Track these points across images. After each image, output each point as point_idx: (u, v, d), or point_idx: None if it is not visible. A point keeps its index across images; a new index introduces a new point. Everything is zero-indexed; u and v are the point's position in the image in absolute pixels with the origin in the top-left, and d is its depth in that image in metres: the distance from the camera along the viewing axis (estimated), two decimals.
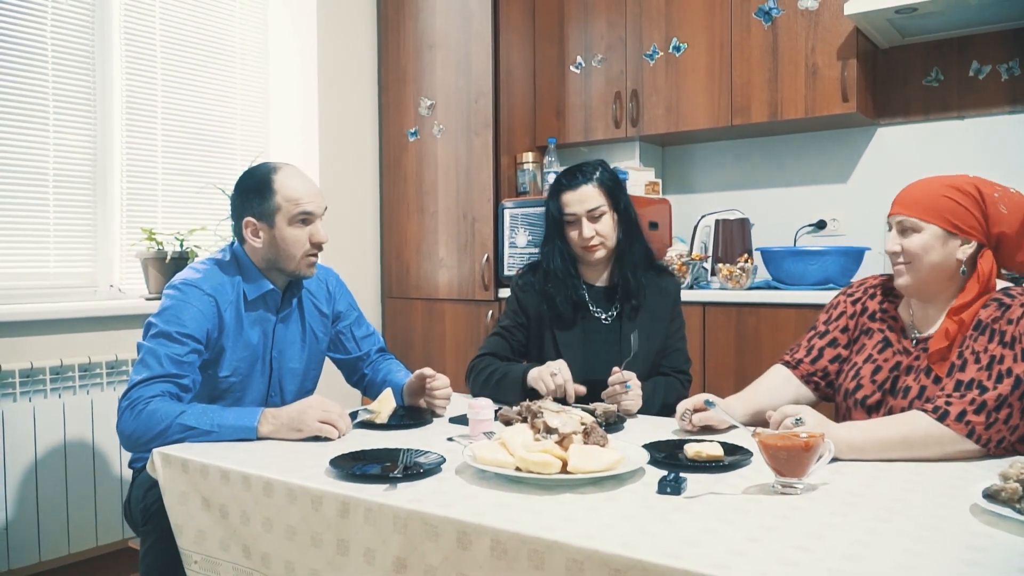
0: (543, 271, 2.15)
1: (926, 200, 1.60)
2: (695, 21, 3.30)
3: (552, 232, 2.13)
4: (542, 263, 2.16)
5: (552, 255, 2.12)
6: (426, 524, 1.19)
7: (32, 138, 2.82)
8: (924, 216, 1.59)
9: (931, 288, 1.64)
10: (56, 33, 2.87)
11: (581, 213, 2.06)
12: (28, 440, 2.55)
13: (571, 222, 2.08)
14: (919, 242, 1.60)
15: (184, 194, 3.29)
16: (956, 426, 1.45)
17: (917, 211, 1.60)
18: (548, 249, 2.14)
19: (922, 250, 1.60)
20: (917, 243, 1.60)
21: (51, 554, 2.59)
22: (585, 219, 2.06)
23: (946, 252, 1.59)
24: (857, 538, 1.06)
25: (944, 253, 1.59)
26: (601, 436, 1.38)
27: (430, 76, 3.73)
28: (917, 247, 1.60)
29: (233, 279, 1.86)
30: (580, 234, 2.06)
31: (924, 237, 1.59)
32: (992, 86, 3.03)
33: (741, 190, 3.57)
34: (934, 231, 1.59)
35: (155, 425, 1.61)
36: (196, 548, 1.51)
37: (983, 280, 1.57)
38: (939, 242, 1.59)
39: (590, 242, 2.06)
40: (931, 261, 1.60)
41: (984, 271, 1.58)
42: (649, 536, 1.07)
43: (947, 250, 1.59)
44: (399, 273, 3.86)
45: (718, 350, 2.99)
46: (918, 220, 1.60)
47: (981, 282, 1.57)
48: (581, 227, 2.05)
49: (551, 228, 2.13)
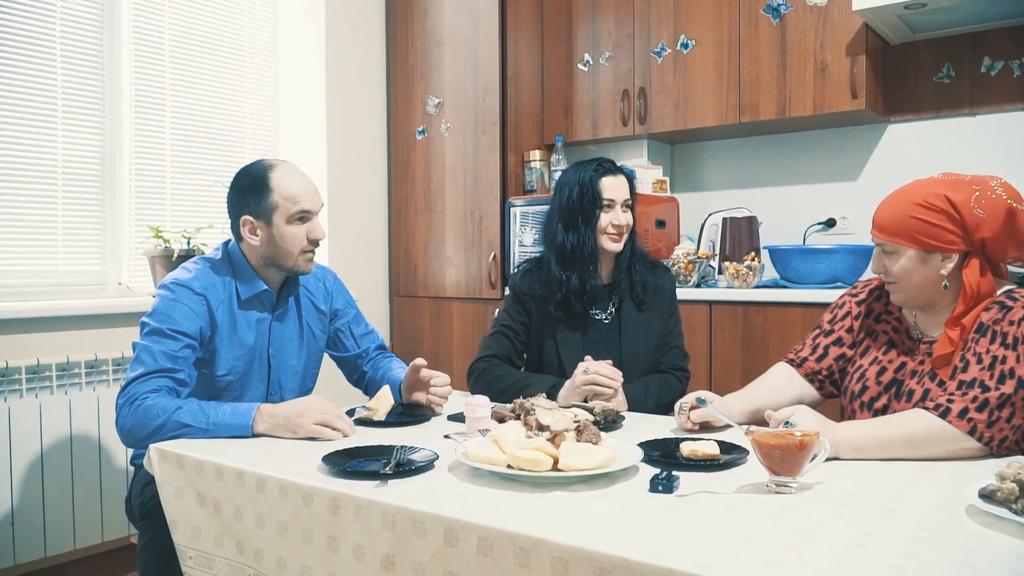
0: (560, 259, 2.08)
1: (896, 222, 1.58)
2: (703, 18, 3.28)
3: (576, 217, 2.06)
4: (562, 250, 2.08)
5: (585, 237, 2.05)
6: (414, 521, 1.18)
7: (41, 136, 2.84)
8: (898, 240, 1.58)
9: (924, 300, 1.63)
10: (65, 31, 2.89)
11: (619, 200, 2.06)
12: (34, 436, 2.56)
13: (607, 207, 2.06)
14: (899, 266, 1.59)
15: (193, 192, 3.31)
16: (958, 423, 1.43)
17: (890, 235, 1.59)
18: (577, 234, 2.06)
19: (903, 273, 1.59)
20: (897, 267, 1.59)
21: (57, 549, 2.61)
22: (619, 207, 2.06)
23: (928, 270, 1.58)
24: (850, 539, 1.05)
25: (925, 272, 1.58)
26: (594, 434, 1.36)
27: (438, 74, 3.72)
28: (898, 270, 1.60)
29: (224, 279, 1.86)
30: (615, 220, 2.05)
31: (902, 261, 1.58)
32: (1004, 82, 2.99)
33: (750, 188, 3.54)
34: (910, 254, 1.57)
35: (152, 420, 1.62)
36: (191, 544, 1.51)
37: (971, 292, 1.55)
38: (917, 263, 1.57)
39: (623, 229, 2.06)
40: (915, 281, 1.59)
41: (970, 282, 1.55)
42: (637, 535, 1.06)
43: (929, 268, 1.58)
44: (407, 271, 3.86)
45: (725, 349, 2.96)
46: (894, 244, 1.59)
47: (969, 293, 1.55)
48: (617, 213, 2.05)
49: (577, 213, 2.06)
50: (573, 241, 2.06)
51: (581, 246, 2.05)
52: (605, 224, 2.05)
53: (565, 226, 2.08)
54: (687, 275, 3.12)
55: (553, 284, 2.09)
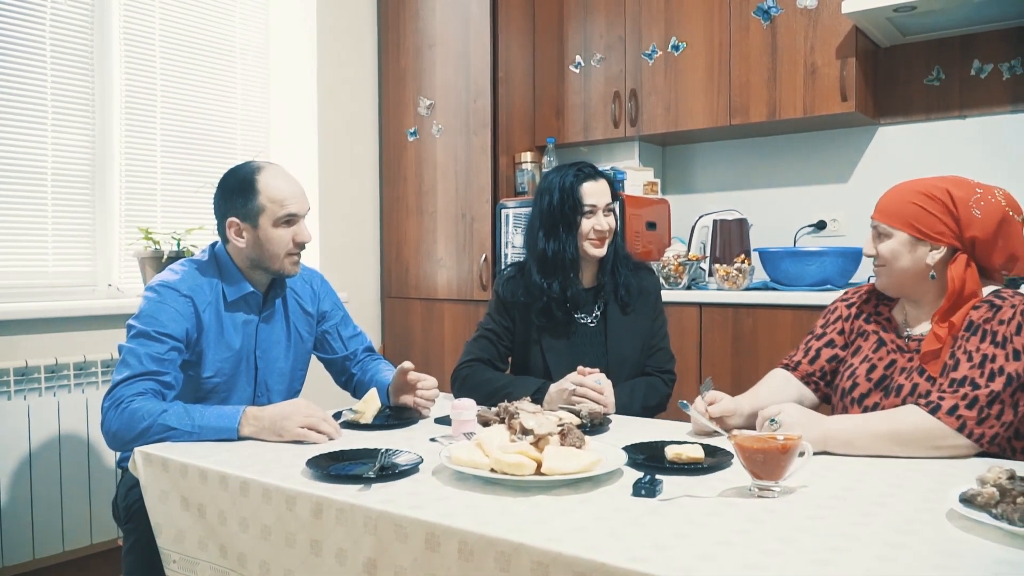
0: (540, 266, 2.07)
1: (895, 206, 1.64)
2: (694, 20, 3.28)
3: (557, 224, 2.05)
4: (544, 257, 2.07)
5: (566, 244, 2.04)
6: (396, 525, 1.18)
7: (31, 136, 2.83)
8: (892, 222, 1.63)
9: (906, 289, 1.67)
10: (55, 31, 2.88)
11: (601, 205, 2.05)
12: (23, 438, 2.55)
13: (589, 213, 2.05)
14: (888, 248, 1.64)
15: (184, 193, 3.30)
16: (947, 420, 1.45)
17: (887, 217, 1.64)
18: (559, 241, 2.04)
19: (891, 255, 1.64)
20: (887, 249, 1.64)
21: (45, 552, 2.59)
22: (601, 212, 2.05)
23: (915, 258, 1.62)
24: (830, 542, 1.05)
25: (913, 259, 1.62)
26: (578, 438, 1.36)
27: (429, 76, 3.72)
28: (887, 252, 1.64)
29: (211, 280, 1.86)
30: (598, 225, 2.04)
31: (892, 243, 1.63)
32: (994, 85, 3.00)
33: (741, 190, 3.55)
34: (901, 237, 1.62)
35: (137, 423, 1.61)
36: (175, 547, 1.51)
37: (955, 287, 1.57)
38: (907, 248, 1.62)
39: (605, 234, 2.05)
40: (901, 266, 1.63)
41: (954, 277, 1.58)
42: (618, 539, 1.06)
43: (916, 256, 1.62)
44: (398, 273, 3.85)
45: (715, 351, 2.97)
46: (888, 226, 1.64)
47: (952, 288, 1.57)
48: (599, 219, 2.05)
49: (558, 220, 2.04)
50: (555, 248, 2.05)
51: (563, 253, 2.04)
52: (587, 230, 2.05)
53: (546, 233, 2.06)
54: (677, 277, 3.12)
55: (535, 291, 2.08)
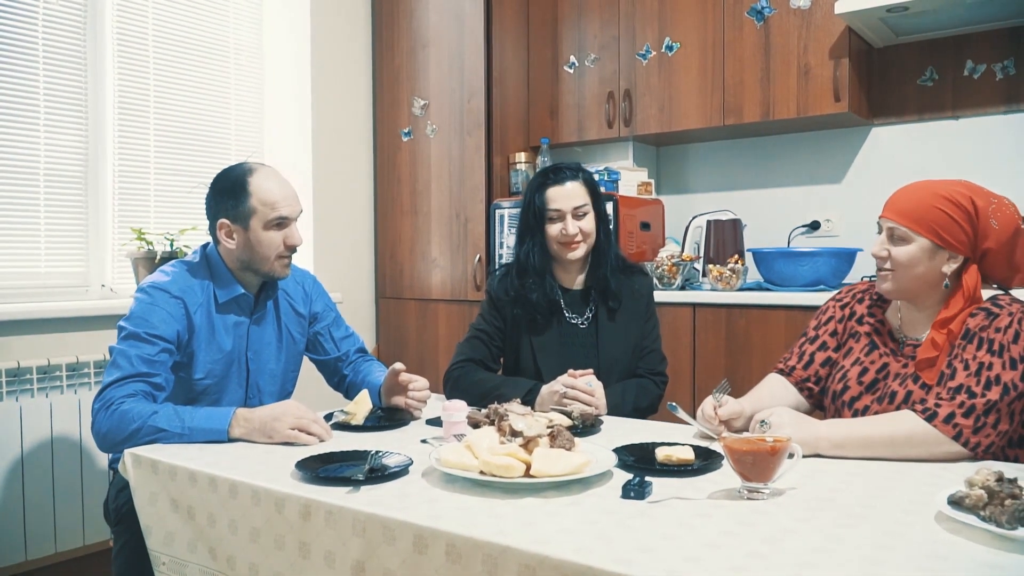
0: (517, 270, 2.11)
1: (919, 210, 1.56)
2: (688, 21, 3.28)
3: (530, 228, 2.09)
4: (517, 261, 2.12)
5: (532, 251, 2.08)
6: (384, 527, 1.18)
7: (23, 137, 2.82)
8: (915, 227, 1.56)
9: (912, 295, 1.63)
10: (48, 31, 2.87)
11: (567, 209, 2.04)
12: (15, 439, 2.54)
13: (554, 218, 2.05)
14: (907, 253, 1.57)
15: (177, 194, 3.29)
16: (943, 427, 1.43)
17: (909, 221, 1.57)
18: (526, 246, 2.09)
19: (909, 262, 1.57)
20: (904, 254, 1.57)
21: (37, 553, 2.59)
22: (570, 216, 2.04)
23: (932, 265, 1.57)
24: (817, 544, 1.05)
25: (930, 266, 1.57)
26: (567, 439, 1.36)
27: (424, 76, 3.72)
28: (904, 258, 1.57)
29: (202, 282, 1.85)
30: (564, 230, 2.03)
31: (912, 249, 1.56)
32: (987, 86, 3.00)
33: (735, 190, 3.55)
34: (923, 244, 1.56)
35: (127, 425, 1.61)
36: (165, 549, 1.51)
37: (968, 295, 1.55)
38: (926, 255, 1.56)
39: (574, 239, 2.04)
40: (916, 273, 1.58)
41: (969, 286, 1.55)
42: (605, 541, 1.06)
43: (934, 263, 1.57)
44: (393, 273, 3.85)
45: (708, 352, 2.97)
46: (908, 230, 1.57)
47: (967, 297, 1.55)
48: (566, 223, 2.04)
49: (530, 224, 2.09)
50: (525, 253, 2.09)
51: (531, 258, 2.08)
52: (555, 235, 2.06)
53: (519, 238, 2.12)
54: (671, 277, 3.12)
55: (518, 295, 2.10)
